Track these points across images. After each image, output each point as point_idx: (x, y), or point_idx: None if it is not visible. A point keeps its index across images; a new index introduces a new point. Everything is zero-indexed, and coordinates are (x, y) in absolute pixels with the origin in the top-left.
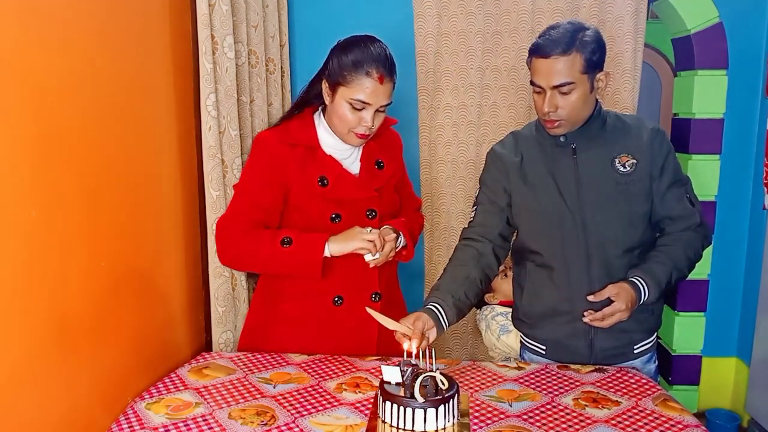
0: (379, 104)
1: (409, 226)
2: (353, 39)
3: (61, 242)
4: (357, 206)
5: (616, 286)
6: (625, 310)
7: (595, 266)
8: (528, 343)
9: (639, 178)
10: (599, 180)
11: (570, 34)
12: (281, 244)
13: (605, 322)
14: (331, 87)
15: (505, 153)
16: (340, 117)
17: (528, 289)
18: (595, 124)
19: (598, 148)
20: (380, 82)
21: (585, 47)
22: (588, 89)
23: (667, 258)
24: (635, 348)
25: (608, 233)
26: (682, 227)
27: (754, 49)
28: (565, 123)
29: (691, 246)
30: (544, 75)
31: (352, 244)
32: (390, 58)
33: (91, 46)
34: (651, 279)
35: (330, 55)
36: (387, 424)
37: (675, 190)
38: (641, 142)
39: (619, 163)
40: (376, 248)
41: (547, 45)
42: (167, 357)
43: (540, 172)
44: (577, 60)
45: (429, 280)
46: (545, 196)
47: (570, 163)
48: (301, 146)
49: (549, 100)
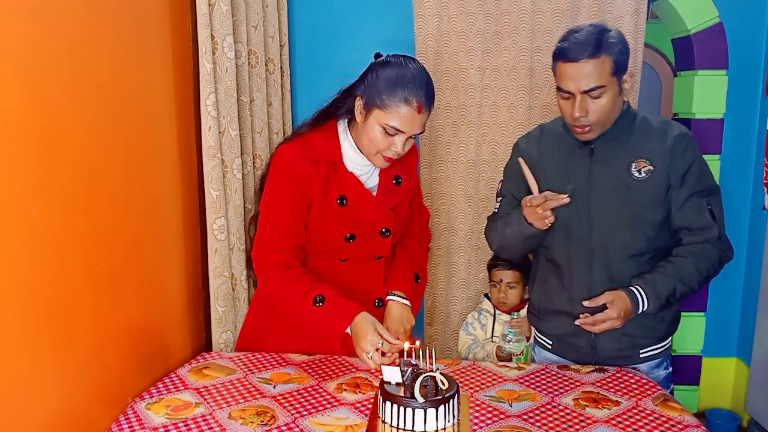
0: (413, 133)
1: (414, 289)
2: (396, 60)
3: (61, 242)
4: (372, 226)
5: (613, 293)
6: (616, 319)
7: (597, 269)
8: (537, 337)
9: (653, 185)
10: (611, 183)
11: (596, 36)
12: (313, 302)
13: (595, 328)
14: (366, 106)
15: (527, 147)
16: (371, 139)
17: (538, 282)
18: (618, 125)
19: (616, 151)
20: (418, 111)
21: (612, 49)
22: (617, 91)
23: (674, 270)
24: (641, 352)
25: (613, 237)
26: (700, 239)
27: (754, 49)
28: (595, 127)
29: (704, 260)
30: (573, 80)
31: (356, 348)
32: (431, 88)
33: (91, 46)
34: (651, 290)
35: (368, 72)
36: (387, 424)
37: (695, 200)
38: (663, 149)
39: (635, 169)
40: (374, 362)
41: (574, 48)
42: (167, 357)
43: (555, 169)
44: (606, 62)
45: (429, 280)
46: (556, 192)
47: (585, 163)
48: (323, 162)
49: (579, 105)
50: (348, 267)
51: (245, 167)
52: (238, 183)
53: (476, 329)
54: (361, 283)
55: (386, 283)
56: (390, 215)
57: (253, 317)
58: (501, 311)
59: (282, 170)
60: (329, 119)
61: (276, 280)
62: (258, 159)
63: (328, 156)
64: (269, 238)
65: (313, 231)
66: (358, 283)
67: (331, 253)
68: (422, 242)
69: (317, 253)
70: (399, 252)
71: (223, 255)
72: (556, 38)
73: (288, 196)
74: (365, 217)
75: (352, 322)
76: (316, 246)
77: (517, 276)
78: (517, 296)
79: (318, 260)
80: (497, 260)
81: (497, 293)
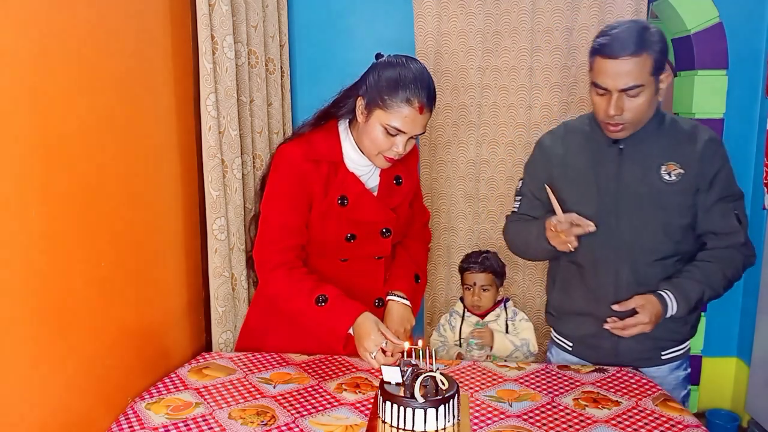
0: (414, 133)
1: (415, 290)
2: (398, 60)
3: (61, 242)
4: (373, 226)
5: (643, 297)
6: (648, 324)
7: (623, 271)
8: (555, 338)
9: (683, 189)
10: (640, 185)
11: (637, 33)
12: (316, 302)
13: (626, 332)
14: (367, 106)
15: (551, 144)
16: (372, 139)
17: (559, 283)
18: (649, 125)
19: (646, 151)
20: (420, 112)
21: (653, 47)
22: (654, 91)
23: (703, 275)
24: (663, 354)
25: (641, 240)
26: (725, 244)
27: (754, 49)
28: (629, 126)
29: (730, 265)
30: (611, 77)
31: (359, 348)
32: (433, 88)
33: (91, 46)
34: (681, 295)
35: (370, 72)
36: (387, 424)
37: (722, 205)
38: (693, 153)
39: (665, 171)
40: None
41: (615, 45)
42: (167, 357)
43: (582, 167)
44: (647, 61)
45: (429, 280)
46: (583, 192)
47: (614, 163)
48: (324, 162)
49: (615, 103)
50: (348, 267)
51: (245, 167)
52: (238, 183)
53: (447, 330)
54: (362, 284)
55: (386, 283)
56: (391, 215)
57: (253, 317)
58: (474, 314)
59: (283, 170)
60: (330, 119)
61: (278, 280)
62: (258, 159)
63: (329, 156)
64: (271, 238)
65: (314, 231)
66: (358, 283)
67: (332, 253)
68: (422, 242)
69: (318, 253)
70: (399, 252)
71: (223, 255)
72: (556, 38)
73: (289, 196)
74: (366, 217)
75: (355, 322)
76: (316, 246)
77: (491, 278)
78: (490, 299)
79: (318, 260)
80: (469, 263)
81: (471, 296)
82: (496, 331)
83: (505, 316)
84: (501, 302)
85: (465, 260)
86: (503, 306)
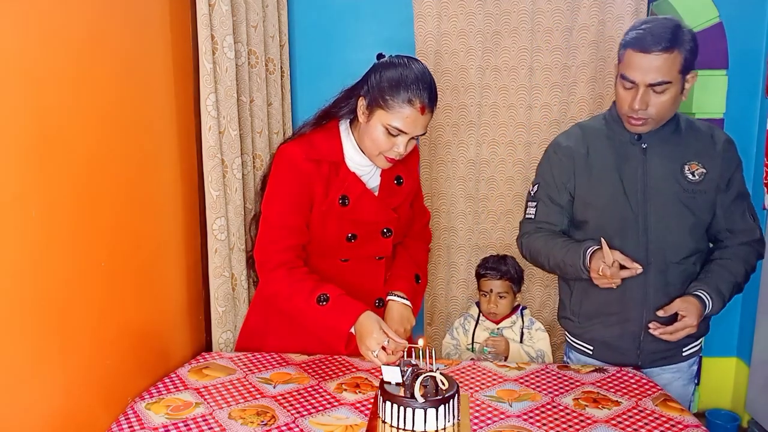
0: (415, 133)
1: (415, 290)
2: (399, 61)
3: (61, 242)
4: (374, 226)
5: (685, 300)
6: (694, 326)
7: (652, 271)
8: (574, 343)
9: (706, 188)
10: (667, 184)
11: (671, 30)
12: (317, 301)
13: (674, 336)
14: (369, 107)
15: (571, 145)
16: (373, 139)
17: (578, 287)
18: (670, 125)
19: (669, 151)
20: (421, 112)
21: (685, 45)
22: (680, 89)
23: (730, 274)
24: (683, 351)
25: (669, 239)
26: (740, 241)
27: (754, 49)
28: (651, 122)
29: (749, 261)
30: (641, 71)
31: (361, 347)
32: (434, 89)
33: (91, 46)
34: (716, 294)
35: (371, 72)
36: (387, 424)
37: (739, 203)
38: (714, 153)
39: (688, 171)
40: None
41: (649, 39)
42: (167, 357)
43: (607, 167)
44: (677, 59)
45: (429, 280)
46: (609, 192)
47: (639, 162)
48: (325, 162)
49: (641, 97)
50: (349, 267)
51: (245, 167)
52: (238, 183)
53: (460, 334)
54: (362, 284)
55: (387, 284)
56: (391, 215)
57: (253, 317)
58: (490, 321)
59: (284, 170)
60: (331, 119)
61: (280, 280)
62: (258, 159)
63: (329, 156)
64: (272, 238)
65: (315, 231)
66: (359, 283)
67: (333, 253)
68: (423, 242)
69: (318, 253)
70: (400, 252)
71: (223, 255)
72: (556, 38)
73: (290, 196)
74: (367, 217)
75: (356, 321)
76: (317, 246)
77: (508, 285)
78: (507, 306)
79: (319, 260)
80: (486, 269)
81: (487, 303)
82: (512, 341)
83: (521, 323)
84: (517, 309)
85: (482, 265)
86: (519, 313)
